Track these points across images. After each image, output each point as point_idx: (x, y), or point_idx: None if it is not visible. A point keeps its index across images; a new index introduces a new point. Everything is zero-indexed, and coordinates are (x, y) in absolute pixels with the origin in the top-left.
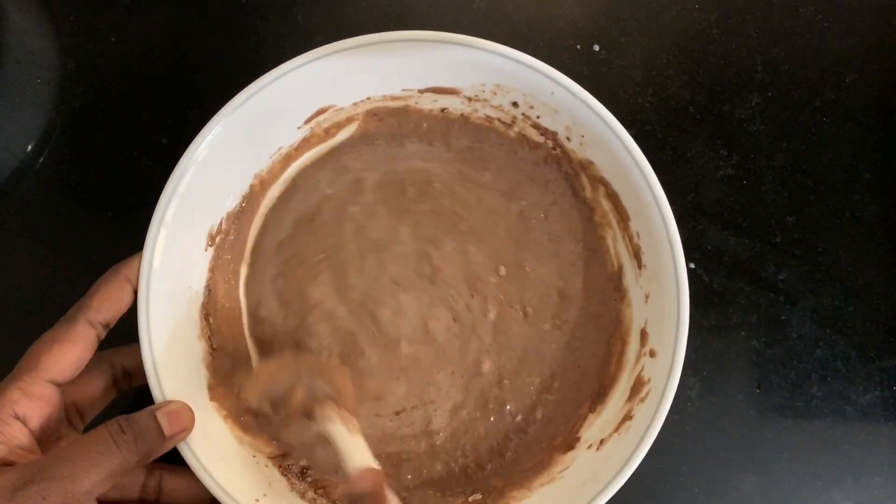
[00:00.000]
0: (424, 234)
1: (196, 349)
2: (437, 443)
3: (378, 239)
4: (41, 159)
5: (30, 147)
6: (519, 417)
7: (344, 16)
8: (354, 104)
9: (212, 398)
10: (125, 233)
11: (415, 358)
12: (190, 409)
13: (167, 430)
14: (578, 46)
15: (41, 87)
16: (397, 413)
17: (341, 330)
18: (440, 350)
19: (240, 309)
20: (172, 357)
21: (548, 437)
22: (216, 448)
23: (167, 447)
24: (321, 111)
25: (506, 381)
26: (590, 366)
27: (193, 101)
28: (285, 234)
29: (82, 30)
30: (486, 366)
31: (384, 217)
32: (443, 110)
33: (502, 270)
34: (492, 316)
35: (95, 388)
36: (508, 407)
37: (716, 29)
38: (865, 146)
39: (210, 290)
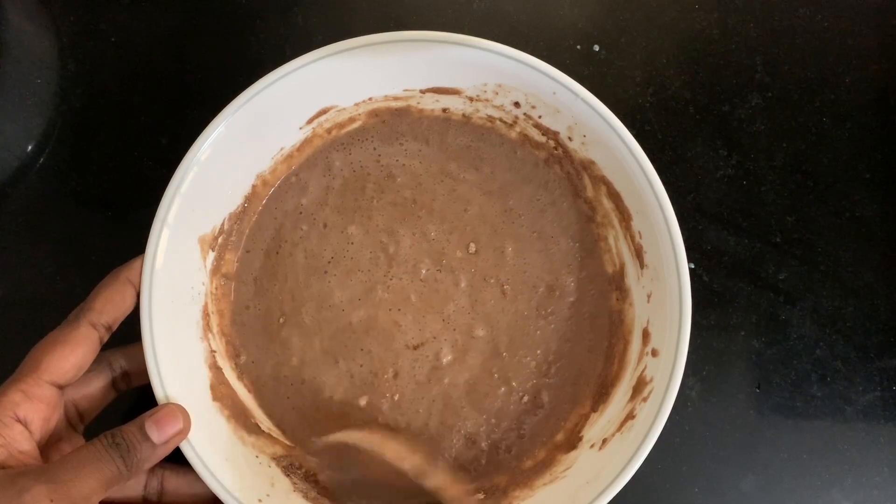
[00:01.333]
0: (377, 227)
1: (198, 350)
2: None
3: (332, 255)
4: (41, 159)
5: (30, 147)
6: (526, 398)
7: (344, 16)
8: (356, 104)
9: (214, 398)
10: (125, 233)
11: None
12: (183, 411)
13: (157, 438)
14: (578, 46)
15: (41, 87)
16: (415, 347)
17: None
18: (414, 300)
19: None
20: (175, 357)
21: (552, 433)
22: (219, 448)
23: (163, 453)
24: (323, 111)
25: (504, 354)
26: (587, 362)
27: (193, 101)
28: (258, 267)
29: (82, 30)
30: (478, 332)
31: (335, 226)
32: (444, 110)
33: (472, 248)
34: (463, 285)
35: (95, 390)
36: (514, 384)
37: (716, 29)
38: (865, 146)
39: (211, 290)
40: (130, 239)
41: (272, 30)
